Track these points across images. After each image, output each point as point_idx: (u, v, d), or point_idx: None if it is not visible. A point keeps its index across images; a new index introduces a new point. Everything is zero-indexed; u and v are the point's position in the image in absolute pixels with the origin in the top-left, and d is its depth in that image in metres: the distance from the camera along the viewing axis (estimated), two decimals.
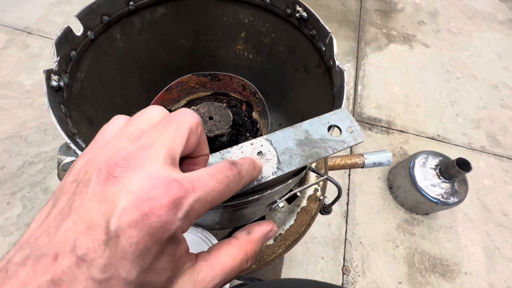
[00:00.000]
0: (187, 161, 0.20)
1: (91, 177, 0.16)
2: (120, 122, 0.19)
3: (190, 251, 0.18)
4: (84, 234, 0.14)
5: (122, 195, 0.15)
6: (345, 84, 0.33)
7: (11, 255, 0.15)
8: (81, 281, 0.13)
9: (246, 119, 0.56)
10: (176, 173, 0.16)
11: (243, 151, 0.25)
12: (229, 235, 0.51)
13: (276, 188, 0.29)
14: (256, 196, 0.28)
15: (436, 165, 1.12)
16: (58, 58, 0.32)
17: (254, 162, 0.22)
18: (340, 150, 0.27)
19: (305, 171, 0.34)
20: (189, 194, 0.16)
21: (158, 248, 0.15)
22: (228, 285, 0.40)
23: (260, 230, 0.21)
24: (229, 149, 0.24)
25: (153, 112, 0.19)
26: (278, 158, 0.25)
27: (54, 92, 0.31)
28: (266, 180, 0.24)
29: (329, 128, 0.28)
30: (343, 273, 1.08)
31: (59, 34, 0.32)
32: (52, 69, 0.31)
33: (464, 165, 1.00)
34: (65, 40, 0.34)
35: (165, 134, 0.17)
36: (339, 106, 0.32)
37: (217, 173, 0.18)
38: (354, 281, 1.06)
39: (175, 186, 0.15)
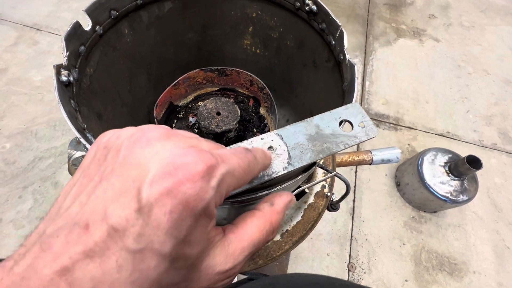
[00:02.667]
0: None
1: (123, 142, 0.15)
2: None
3: None
4: (115, 202, 0.13)
5: (154, 160, 0.14)
6: (356, 79, 0.32)
7: (42, 228, 0.15)
8: (114, 252, 0.13)
9: (253, 114, 0.56)
10: (205, 146, 0.16)
11: (253, 146, 0.24)
12: None
13: (285, 184, 0.29)
14: (265, 192, 0.28)
15: (445, 163, 1.10)
16: (68, 53, 0.32)
17: (264, 151, 0.22)
18: (352, 145, 0.26)
19: (314, 167, 0.33)
20: (220, 164, 0.15)
21: (193, 219, 0.14)
22: (236, 278, 0.41)
23: (281, 200, 0.21)
24: (239, 144, 0.24)
25: None
26: (289, 153, 0.25)
27: (64, 87, 0.31)
28: (277, 175, 0.23)
29: (341, 123, 0.27)
30: (349, 270, 1.07)
31: (68, 29, 0.32)
32: (62, 64, 0.31)
33: (474, 162, 0.98)
34: (74, 35, 0.34)
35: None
36: (350, 101, 0.31)
37: (238, 153, 0.18)
38: (360, 278, 1.06)
39: (207, 155, 0.15)
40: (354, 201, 1.21)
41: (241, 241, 0.18)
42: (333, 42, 0.39)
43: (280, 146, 0.25)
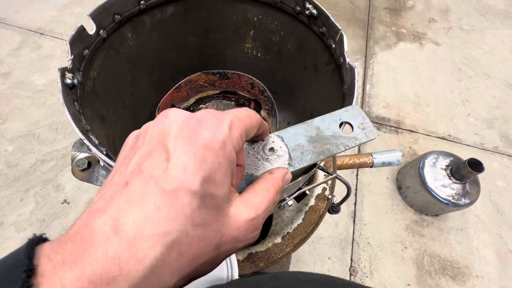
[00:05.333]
0: None
1: (149, 124, 0.18)
2: None
3: None
4: (146, 159, 0.16)
5: (174, 124, 0.17)
6: (356, 81, 0.33)
7: (91, 203, 0.17)
8: (152, 196, 0.15)
9: None
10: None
11: (254, 147, 0.25)
12: None
13: (286, 186, 0.29)
14: None
15: (447, 166, 1.10)
16: (72, 56, 0.33)
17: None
18: (352, 147, 0.27)
19: (315, 168, 0.33)
20: (225, 114, 0.19)
21: (214, 157, 0.16)
22: (237, 272, 0.41)
23: (278, 171, 0.23)
24: None
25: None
26: (289, 154, 0.25)
27: (68, 90, 0.31)
28: None
29: (341, 124, 0.27)
30: (350, 274, 1.06)
31: (73, 33, 0.33)
32: (67, 67, 0.31)
33: (476, 165, 0.98)
34: (79, 38, 0.34)
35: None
36: (350, 103, 0.32)
37: (237, 109, 0.21)
38: (362, 282, 1.05)
39: (213, 111, 0.19)
40: (355, 204, 1.21)
41: (256, 196, 0.20)
42: (333, 46, 0.39)
43: (281, 148, 0.25)
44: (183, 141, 0.16)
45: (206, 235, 0.16)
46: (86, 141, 0.26)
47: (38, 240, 0.15)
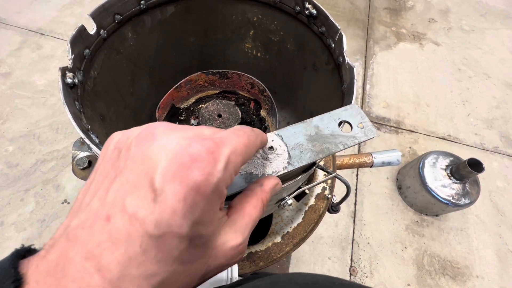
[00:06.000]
0: None
1: (132, 141, 0.17)
2: None
3: None
4: (131, 194, 0.15)
5: (162, 154, 0.15)
6: (355, 81, 0.33)
7: (67, 222, 0.16)
8: (138, 238, 0.14)
9: (254, 117, 0.56)
10: (208, 133, 0.18)
11: None
12: None
13: (285, 184, 0.29)
14: None
15: (446, 166, 1.10)
16: (73, 56, 0.33)
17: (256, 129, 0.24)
18: (351, 146, 0.27)
19: (314, 167, 0.34)
20: (223, 147, 0.17)
21: (205, 202, 0.15)
22: (237, 272, 0.41)
23: (269, 182, 0.23)
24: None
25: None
26: (288, 153, 0.25)
27: (69, 89, 0.31)
28: (277, 174, 0.24)
29: (340, 123, 0.28)
30: (350, 274, 1.06)
31: (74, 33, 0.33)
32: (67, 66, 0.32)
33: (476, 165, 0.98)
34: (79, 38, 0.35)
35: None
36: (349, 103, 0.32)
37: (235, 131, 0.19)
38: (362, 282, 1.05)
39: (209, 142, 0.16)
40: (355, 204, 1.21)
41: (243, 218, 0.20)
42: (333, 45, 0.40)
43: (280, 146, 0.25)
44: (172, 180, 0.14)
45: (193, 269, 0.16)
46: (86, 140, 0.26)
47: (23, 255, 0.15)
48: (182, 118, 0.55)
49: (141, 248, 0.14)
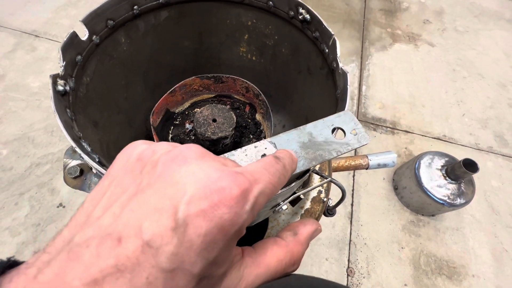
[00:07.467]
0: None
1: (160, 157, 0.15)
2: None
3: None
4: (150, 218, 0.13)
5: (190, 181, 0.14)
6: (348, 87, 0.33)
7: (68, 235, 0.14)
8: (146, 269, 0.13)
9: (249, 121, 0.56)
10: (236, 167, 0.16)
11: (247, 154, 0.25)
12: None
13: (279, 191, 0.29)
14: None
15: (442, 166, 1.11)
16: (64, 62, 0.32)
17: (291, 155, 0.22)
18: (344, 153, 0.27)
19: (308, 173, 0.34)
20: (254, 186, 0.15)
21: (225, 242, 0.14)
22: None
23: (305, 230, 0.20)
24: (233, 152, 0.24)
25: None
26: None
27: (60, 97, 0.31)
28: None
29: (333, 130, 0.28)
30: (348, 275, 1.07)
31: (65, 39, 0.33)
32: (58, 73, 0.31)
33: (471, 165, 0.99)
34: (71, 45, 0.34)
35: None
36: (342, 109, 0.32)
37: (268, 166, 0.17)
38: (359, 283, 1.05)
39: (241, 178, 0.15)
40: (352, 205, 1.22)
41: (257, 267, 0.17)
42: (327, 50, 0.40)
43: None
44: (197, 213, 0.13)
45: None
46: (77, 149, 0.26)
47: (2, 271, 0.13)
48: (177, 122, 0.55)
49: (147, 280, 0.13)
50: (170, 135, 0.53)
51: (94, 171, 0.33)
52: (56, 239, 0.14)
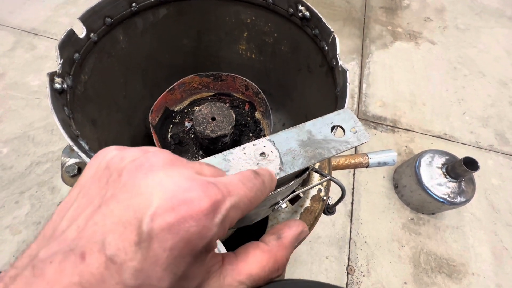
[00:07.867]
0: None
1: (126, 165, 0.15)
2: None
3: None
4: (114, 232, 0.13)
5: (157, 191, 0.13)
6: (348, 84, 0.33)
7: (35, 250, 0.14)
8: (111, 286, 0.12)
9: (249, 119, 0.56)
10: (209, 177, 0.15)
11: (245, 152, 0.24)
12: (230, 237, 0.51)
13: (279, 190, 0.29)
14: None
15: (442, 164, 1.11)
16: (62, 60, 0.32)
17: (271, 174, 0.21)
18: (344, 151, 0.27)
19: (307, 172, 0.33)
20: (226, 199, 0.15)
21: (193, 256, 0.14)
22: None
23: (290, 233, 0.19)
24: (231, 150, 0.24)
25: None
26: (281, 159, 0.25)
27: (57, 95, 0.31)
28: None
29: (332, 128, 0.27)
30: (348, 273, 1.07)
31: (62, 37, 0.32)
32: (56, 71, 0.31)
33: (471, 164, 0.98)
34: (68, 42, 0.34)
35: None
36: (342, 106, 0.32)
37: (246, 180, 0.17)
38: (359, 281, 1.06)
39: (213, 189, 0.14)
40: (352, 203, 1.21)
41: (238, 274, 0.17)
42: (326, 48, 0.39)
43: (272, 152, 0.25)
44: (162, 226, 0.13)
45: None
46: (75, 147, 0.26)
47: None
48: (176, 120, 0.55)
49: None
50: (169, 134, 0.53)
51: None
52: (24, 253, 0.14)
